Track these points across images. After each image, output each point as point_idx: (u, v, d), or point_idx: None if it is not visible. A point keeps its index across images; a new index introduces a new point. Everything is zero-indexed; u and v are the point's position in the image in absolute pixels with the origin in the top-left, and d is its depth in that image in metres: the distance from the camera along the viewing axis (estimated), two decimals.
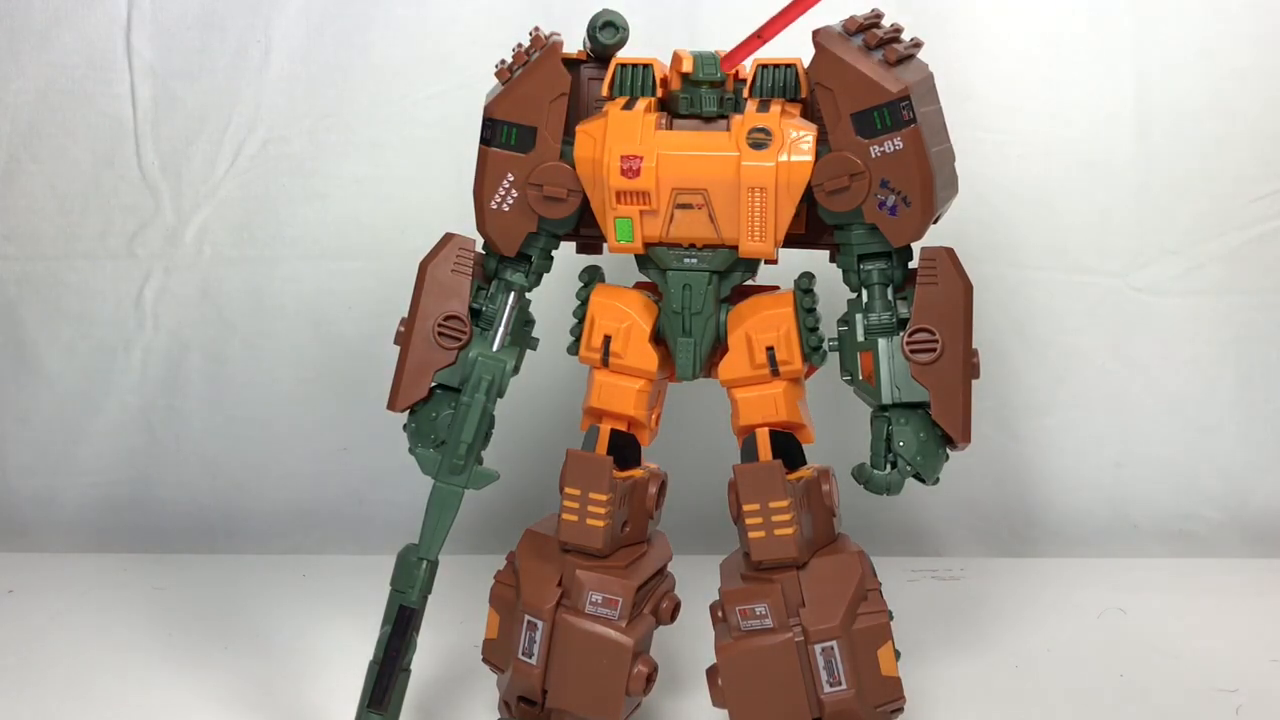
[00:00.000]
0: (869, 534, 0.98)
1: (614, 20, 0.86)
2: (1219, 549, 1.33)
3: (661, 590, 0.93)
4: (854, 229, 0.85)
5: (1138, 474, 1.33)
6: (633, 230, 0.85)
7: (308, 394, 1.36)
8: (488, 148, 0.87)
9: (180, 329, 1.36)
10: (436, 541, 0.90)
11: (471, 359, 0.89)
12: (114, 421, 1.37)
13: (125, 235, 1.35)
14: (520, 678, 0.89)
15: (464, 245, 0.91)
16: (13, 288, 1.36)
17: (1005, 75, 1.27)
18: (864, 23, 0.83)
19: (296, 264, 1.34)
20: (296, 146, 1.33)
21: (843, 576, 0.85)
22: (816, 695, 0.84)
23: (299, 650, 1.11)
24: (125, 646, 1.12)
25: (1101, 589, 1.24)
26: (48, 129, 1.33)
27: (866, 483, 0.84)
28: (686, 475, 1.07)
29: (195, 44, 1.32)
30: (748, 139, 0.82)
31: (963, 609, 1.20)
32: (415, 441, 0.90)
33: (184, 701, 1.02)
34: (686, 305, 0.86)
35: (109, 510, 1.38)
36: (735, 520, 0.87)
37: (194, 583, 1.27)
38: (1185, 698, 1.01)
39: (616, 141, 0.83)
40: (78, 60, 1.32)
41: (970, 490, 1.33)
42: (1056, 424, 1.33)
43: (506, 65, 0.88)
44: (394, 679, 0.90)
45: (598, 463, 0.88)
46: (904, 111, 0.80)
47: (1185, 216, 1.29)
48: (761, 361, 0.86)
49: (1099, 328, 1.32)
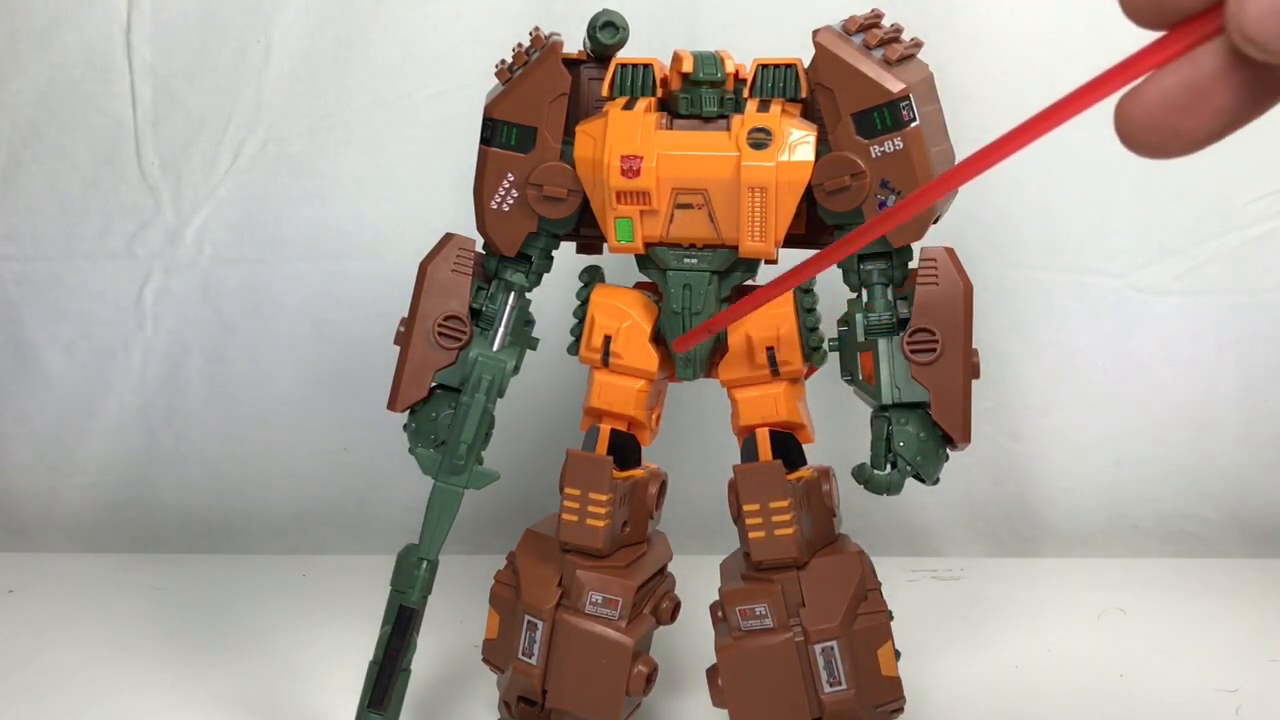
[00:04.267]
0: (869, 534, 0.98)
1: (614, 20, 0.86)
2: (1219, 549, 1.33)
3: (661, 590, 0.93)
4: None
5: (1138, 474, 1.33)
6: (633, 230, 0.85)
7: (308, 394, 1.36)
8: (488, 148, 0.88)
9: (180, 329, 1.36)
10: (436, 542, 0.90)
11: (472, 359, 0.89)
12: (114, 421, 1.37)
13: (125, 235, 1.35)
14: (520, 678, 0.89)
15: (464, 245, 0.91)
16: (13, 288, 1.36)
17: (1005, 75, 1.27)
18: (864, 22, 0.83)
19: (296, 264, 1.34)
20: (296, 146, 1.33)
21: (843, 576, 0.86)
22: (816, 695, 0.84)
23: (299, 650, 1.11)
24: (125, 646, 1.12)
25: (1101, 589, 1.24)
26: (48, 129, 1.33)
27: (866, 483, 0.84)
28: (686, 475, 1.07)
29: (195, 44, 1.32)
30: (748, 139, 0.82)
31: (963, 609, 1.20)
32: (415, 441, 0.90)
33: (184, 701, 1.02)
34: (687, 305, 0.86)
35: (109, 510, 1.38)
36: (735, 520, 0.87)
37: (193, 583, 1.28)
38: (1185, 698, 1.01)
39: (617, 141, 0.83)
40: (78, 60, 1.32)
41: (970, 490, 1.34)
42: (1056, 424, 1.33)
43: (506, 65, 0.88)
44: (394, 679, 0.90)
45: (598, 463, 0.88)
46: (904, 111, 0.80)
47: (1185, 216, 1.29)
48: (761, 362, 0.86)
49: (1099, 328, 1.32)
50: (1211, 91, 0.41)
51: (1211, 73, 0.41)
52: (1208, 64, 0.41)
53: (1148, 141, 0.42)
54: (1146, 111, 0.42)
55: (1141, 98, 0.42)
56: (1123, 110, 0.42)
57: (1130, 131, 0.42)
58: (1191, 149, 0.42)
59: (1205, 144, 0.42)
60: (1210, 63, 0.41)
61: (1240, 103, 0.41)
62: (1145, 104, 0.42)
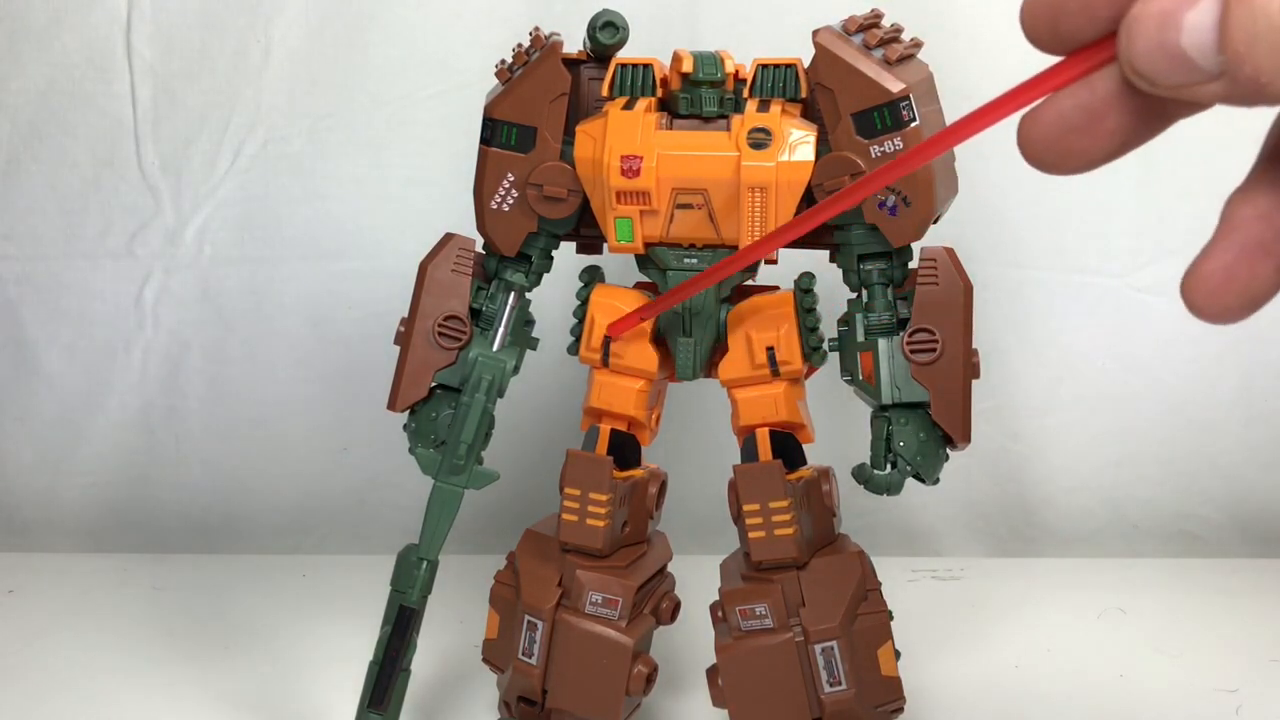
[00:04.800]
0: (869, 534, 0.99)
1: (614, 20, 0.86)
2: (1219, 549, 1.33)
3: (661, 590, 0.93)
4: (854, 229, 0.85)
5: (1138, 474, 1.33)
6: (633, 230, 0.85)
7: (308, 394, 1.36)
8: (488, 148, 0.87)
9: (180, 329, 1.36)
10: (436, 542, 0.90)
11: (472, 359, 0.89)
12: (114, 421, 1.37)
13: (125, 235, 1.35)
14: (520, 678, 0.89)
15: (464, 245, 0.91)
16: (13, 288, 1.36)
17: (1005, 75, 1.26)
18: (864, 22, 0.83)
19: (296, 264, 1.34)
20: (296, 146, 1.33)
21: (843, 576, 0.86)
22: (816, 695, 0.84)
23: (299, 650, 1.11)
24: (125, 647, 1.12)
25: (1101, 589, 1.24)
26: (48, 129, 1.33)
27: (866, 483, 0.84)
28: (686, 475, 1.07)
29: (195, 44, 1.32)
30: (748, 139, 0.82)
31: (963, 609, 1.20)
32: (415, 441, 0.90)
33: (183, 701, 1.02)
34: (687, 305, 0.86)
35: (109, 510, 1.38)
36: (735, 520, 0.87)
37: (193, 583, 1.28)
38: (1185, 698, 1.01)
39: (617, 141, 0.83)
40: (78, 60, 1.32)
41: (970, 490, 1.34)
42: (1056, 424, 1.33)
43: (506, 65, 0.88)
44: (394, 679, 0.90)
45: (598, 463, 0.88)
46: (904, 111, 0.80)
47: (1185, 216, 1.29)
48: (761, 361, 0.86)
49: (1099, 328, 1.32)
50: (1105, 115, 0.42)
51: (1105, 97, 0.42)
52: (1102, 89, 0.42)
53: (1045, 159, 0.44)
54: (1044, 132, 0.43)
55: (1040, 119, 0.43)
56: (1023, 130, 0.44)
57: (1030, 149, 0.44)
58: (1087, 167, 0.44)
59: (1101, 163, 0.44)
60: (1104, 88, 0.42)
61: (1132, 126, 0.43)
62: (1043, 125, 0.43)
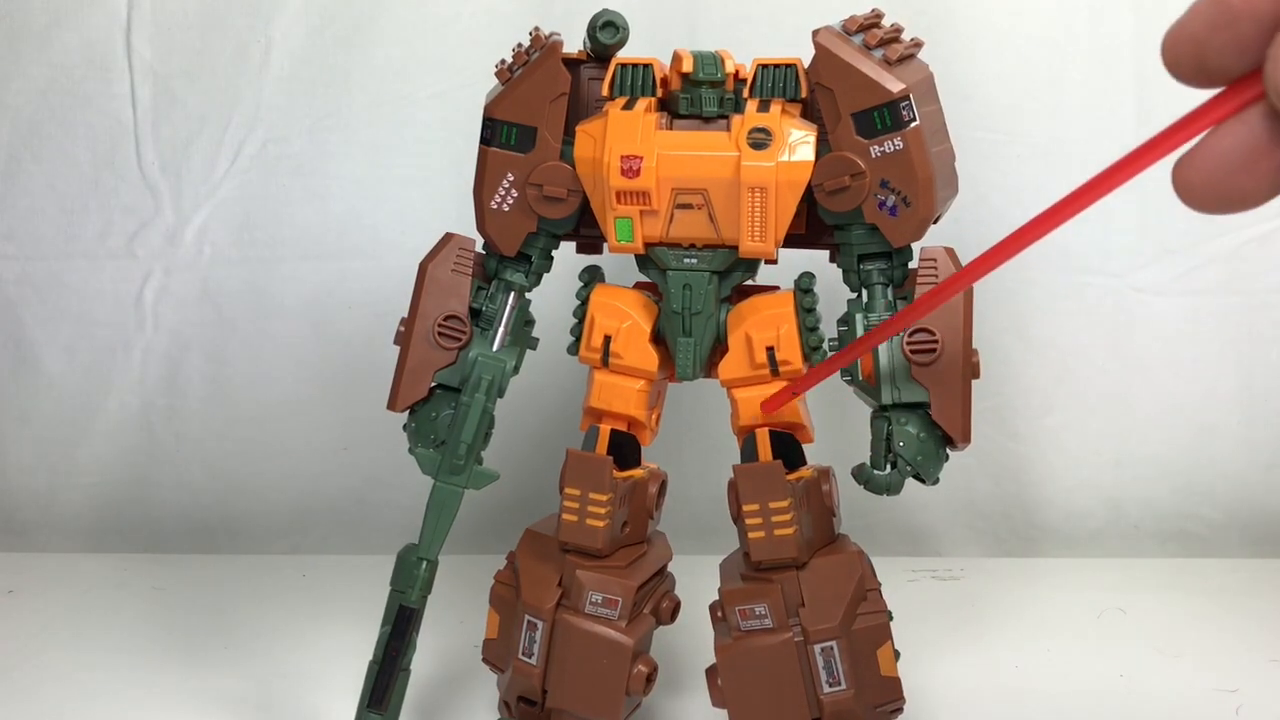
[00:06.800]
0: (869, 534, 0.99)
1: (614, 20, 0.86)
2: (1219, 549, 1.33)
3: (661, 590, 0.93)
4: (854, 229, 0.85)
5: (1138, 474, 1.33)
6: (633, 230, 0.85)
7: (308, 394, 1.36)
8: (488, 148, 0.87)
9: (180, 329, 1.36)
10: (436, 541, 0.90)
11: (471, 359, 0.89)
12: (114, 421, 1.37)
13: (125, 235, 1.35)
14: (520, 678, 0.89)
15: (464, 245, 0.91)
16: (13, 288, 1.36)
17: (1005, 75, 1.27)
18: (864, 22, 0.83)
19: (296, 264, 1.34)
20: (296, 146, 1.33)
21: (842, 576, 0.85)
22: (816, 695, 0.84)
23: (299, 650, 1.11)
24: (125, 646, 1.12)
25: (1101, 589, 1.24)
26: (48, 129, 1.33)
27: (866, 483, 0.84)
28: (686, 475, 1.07)
29: (195, 44, 1.32)
30: (748, 139, 0.82)
31: (963, 609, 1.20)
32: (415, 441, 0.90)
33: (183, 701, 1.02)
34: (687, 305, 0.86)
35: (109, 510, 1.38)
36: (735, 520, 0.87)
37: (194, 583, 1.28)
38: (1185, 698, 1.01)
39: (616, 141, 0.83)
40: (78, 60, 1.32)
41: (970, 490, 1.34)
42: (1056, 424, 1.33)
43: (506, 65, 0.88)
44: (394, 679, 0.90)
45: (598, 463, 0.88)
46: (904, 111, 0.80)
47: (1185, 216, 1.29)
48: (761, 361, 0.86)
49: (1099, 328, 1.32)
50: (1268, 150, 0.41)
51: (1264, 132, 0.41)
52: (1259, 124, 0.41)
53: (1208, 202, 0.43)
54: (1206, 176, 0.42)
55: (1199, 163, 0.42)
56: (1182, 175, 0.42)
57: (1190, 195, 0.43)
58: (1250, 207, 0.43)
59: (1264, 201, 0.42)
60: (1261, 123, 0.41)
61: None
62: (1204, 169, 0.42)
